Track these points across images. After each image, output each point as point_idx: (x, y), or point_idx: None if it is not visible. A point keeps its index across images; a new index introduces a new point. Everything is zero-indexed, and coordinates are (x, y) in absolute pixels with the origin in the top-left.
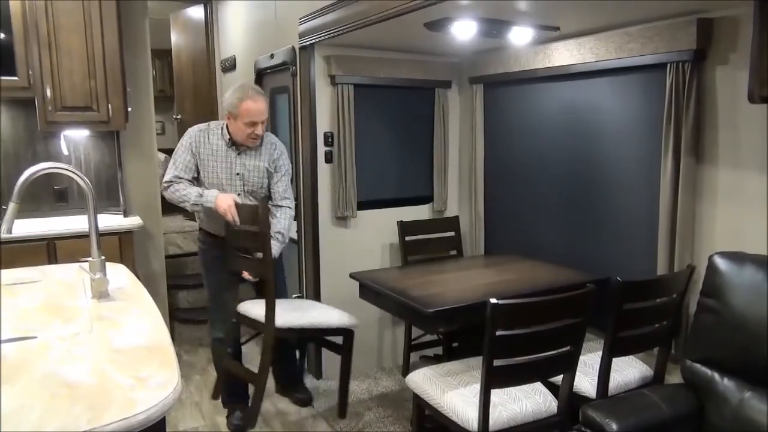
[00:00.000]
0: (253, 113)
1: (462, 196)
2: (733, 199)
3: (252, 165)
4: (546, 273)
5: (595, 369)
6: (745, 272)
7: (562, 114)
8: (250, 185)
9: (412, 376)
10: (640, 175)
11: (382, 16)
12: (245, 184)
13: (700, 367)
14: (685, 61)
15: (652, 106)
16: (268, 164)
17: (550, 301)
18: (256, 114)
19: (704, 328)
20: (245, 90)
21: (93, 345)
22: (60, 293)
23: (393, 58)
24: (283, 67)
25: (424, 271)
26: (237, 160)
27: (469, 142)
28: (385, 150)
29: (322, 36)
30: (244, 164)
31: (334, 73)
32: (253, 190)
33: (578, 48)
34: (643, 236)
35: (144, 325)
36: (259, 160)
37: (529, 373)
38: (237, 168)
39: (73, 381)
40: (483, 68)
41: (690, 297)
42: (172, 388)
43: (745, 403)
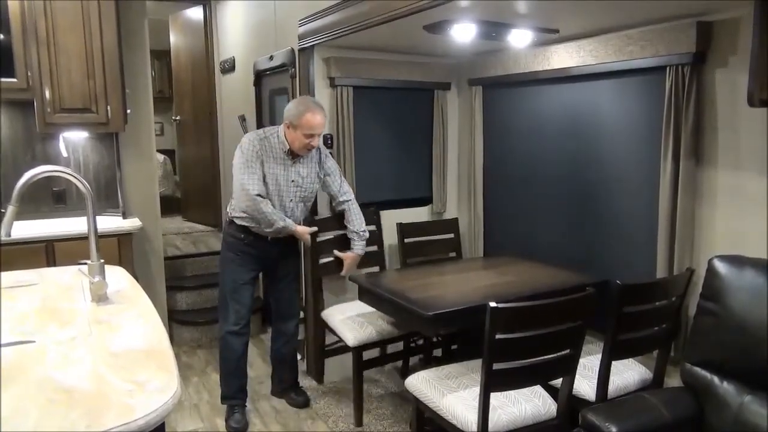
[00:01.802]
0: (313, 126)
1: (461, 198)
2: (733, 201)
3: (305, 173)
4: (545, 275)
5: (594, 372)
6: (745, 275)
7: (561, 116)
8: (303, 192)
9: (411, 378)
10: (640, 177)
11: (382, 18)
12: (299, 190)
13: (700, 370)
14: (684, 63)
15: (651, 108)
16: (318, 170)
17: (549, 304)
18: (316, 127)
19: (704, 331)
20: (307, 104)
21: (91, 349)
22: (58, 296)
23: (392, 59)
24: (282, 68)
25: (424, 273)
26: (292, 168)
27: (468, 143)
28: (385, 152)
29: (322, 38)
30: (299, 172)
31: (333, 75)
32: (306, 196)
33: (578, 50)
34: (643, 238)
35: (142, 329)
36: (309, 167)
37: (529, 376)
38: (292, 175)
39: (71, 386)
40: (482, 70)
41: (690, 300)
42: (172, 393)
43: (745, 407)
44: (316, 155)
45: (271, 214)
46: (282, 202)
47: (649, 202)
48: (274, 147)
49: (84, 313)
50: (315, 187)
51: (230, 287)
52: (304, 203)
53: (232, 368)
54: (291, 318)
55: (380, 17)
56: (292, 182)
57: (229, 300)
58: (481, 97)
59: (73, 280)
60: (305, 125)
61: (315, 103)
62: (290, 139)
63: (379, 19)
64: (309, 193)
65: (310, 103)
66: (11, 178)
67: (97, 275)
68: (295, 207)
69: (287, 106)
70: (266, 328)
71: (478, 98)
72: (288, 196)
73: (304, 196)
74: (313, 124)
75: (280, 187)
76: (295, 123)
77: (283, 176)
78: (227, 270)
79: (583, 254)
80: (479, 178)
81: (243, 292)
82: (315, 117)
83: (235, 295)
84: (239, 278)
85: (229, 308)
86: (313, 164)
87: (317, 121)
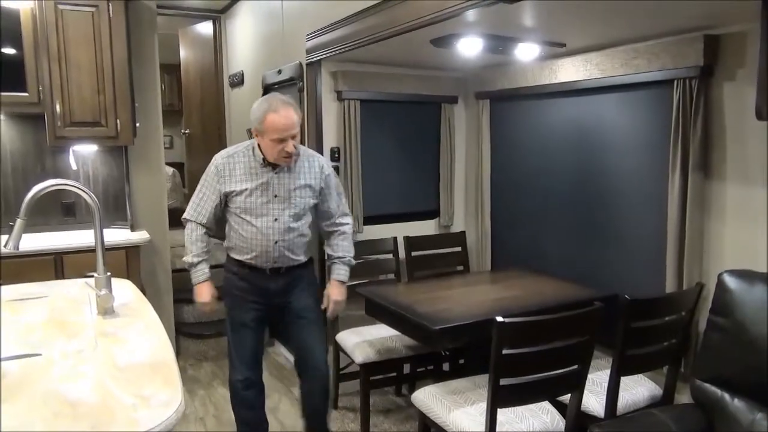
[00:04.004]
0: (279, 127)
1: (468, 211)
2: (742, 215)
3: (292, 185)
4: (553, 289)
5: (603, 387)
6: (755, 291)
7: (568, 130)
8: (292, 208)
9: (417, 393)
10: (648, 191)
11: (389, 33)
12: (287, 206)
13: (710, 386)
14: (692, 77)
15: (659, 122)
16: (311, 181)
17: (557, 319)
18: (283, 128)
19: (714, 347)
20: (269, 101)
21: (97, 362)
22: (65, 309)
23: (399, 73)
24: (290, 82)
25: (431, 286)
26: (274, 180)
27: (475, 157)
28: (392, 165)
29: (329, 52)
30: (282, 184)
31: (340, 89)
32: (297, 213)
33: (584, 64)
34: (652, 253)
35: (148, 343)
36: (299, 177)
37: (536, 392)
38: (275, 189)
39: (76, 399)
40: (489, 83)
41: (699, 315)
42: (176, 408)
43: (756, 424)
44: (315, 164)
45: (191, 238)
46: (266, 225)
47: (658, 216)
48: (246, 161)
49: (91, 326)
50: (308, 201)
51: (230, 329)
52: (298, 223)
53: (248, 419)
54: (316, 369)
55: (387, 32)
56: (275, 197)
57: (231, 344)
58: (488, 110)
59: (80, 292)
60: (270, 129)
61: (280, 99)
62: (263, 149)
63: (386, 34)
64: (302, 209)
65: (272, 101)
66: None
67: (104, 288)
68: (286, 229)
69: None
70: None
71: (485, 111)
72: (271, 214)
73: (294, 213)
74: (278, 125)
75: (256, 205)
76: (260, 128)
77: (260, 191)
78: (227, 310)
79: (591, 268)
80: (486, 192)
81: (244, 335)
82: (279, 116)
83: (235, 338)
84: (238, 319)
85: (232, 354)
86: (308, 174)
87: (283, 120)
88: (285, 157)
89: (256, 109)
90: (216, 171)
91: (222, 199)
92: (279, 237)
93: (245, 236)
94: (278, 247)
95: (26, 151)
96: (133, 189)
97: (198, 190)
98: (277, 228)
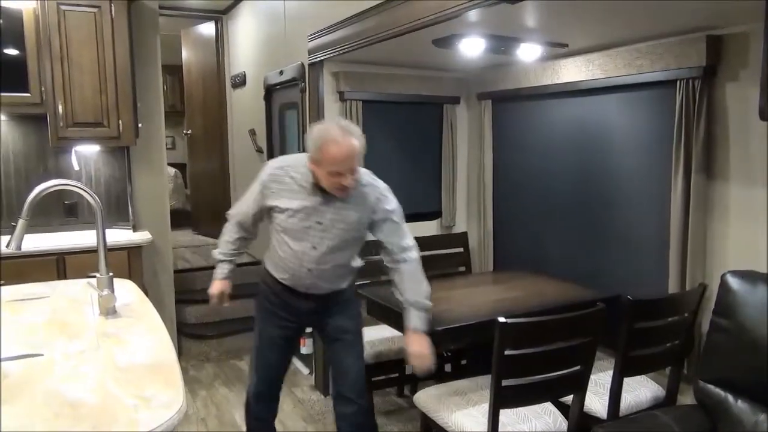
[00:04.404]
0: (338, 160)
1: (470, 212)
2: (746, 216)
3: (342, 214)
4: (555, 290)
5: (606, 389)
6: (758, 291)
7: (571, 130)
8: (332, 239)
9: (420, 394)
10: (651, 192)
11: (390, 33)
12: (327, 237)
13: (713, 388)
14: (694, 77)
15: (661, 122)
16: (362, 214)
17: (559, 319)
18: (342, 161)
19: (717, 348)
20: (329, 128)
21: (98, 363)
22: (67, 309)
23: (401, 74)
24: (292, 83)
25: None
26: (322, 207)
27: (477, 158)
28: (394, 165)
29: (331, 52)
30: (329, 213)
31: (342, 89)
32: (337, 245)
33: (587, 64)
34: (654, 254)
35: (150, 343)
36: (349, 209)
37: (539, 393)
38: (318, 215)
39: (77, 400)
40: (491, 84)
41: (702, 316)
42: (177, 408)
43: (759, 426)
44: (372, 195)
45: (222, 235)
46: (302, 251)
47: (661, 217)
48: (295, 177)
49: (92, 327)
50: (357, 235)
51: (257, 341)
52: (337, 255)
53: (254, 429)
54: (350, 401)
55: (389, 32)
56: (318, 224)
57: (255, 355)
58: (491, 111)
59: (82, 293)
60: (327, 161)
61: (341, 127)
62: (317, 176)
63: (388, 34)
64: (343, 242)
65: (333, 128)
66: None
67: (106, 289)
68: (323, 260)
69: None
70: None
71: (488, 112)
72: (310, 240)
73: (333, 245)
74: (337, 157)
75: (297, 228)
76: (316, 158)
77: (304, 214)
78: (257, 320)
79: (593, 269)
80: (489, 192)
81: (269, 351)
82: (339, 148)
83: (260, 352)
84: (266, 333)
85: (253, 365)
86: (360, 207)
87: (344, 152)
88: (339, 190)
89: (313, 136)
90: (262, 183)
91: (264, 210)
92: (313, 265)
93: (281, 256)
94: (311, 275)
95: (28, 152)
96: (135, 189)
97: (248, 192)
98: (313, 256)
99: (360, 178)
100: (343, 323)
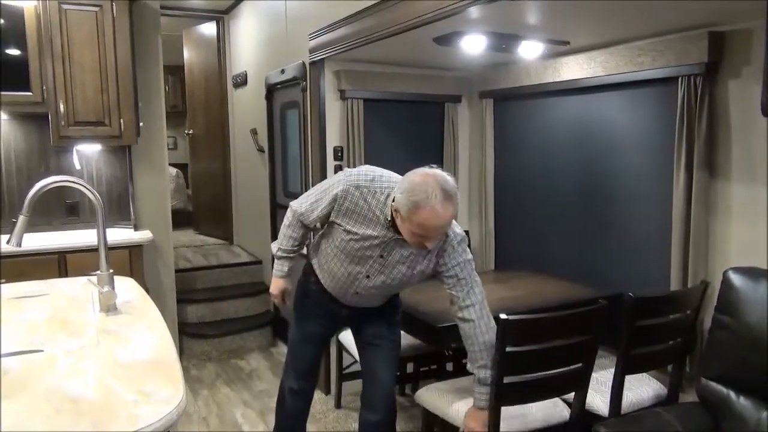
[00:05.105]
0: (428, 228)
1: (472, 211)
2: (748, 213)
3: (409, 260)
4: (556, 288)
5: (608, 387)
6: (761, 288)
7: (572, 128)
8: (388, 280)
9: (422, 391)
10: (653, 189)
11: (392, 30)
12: (385, 274)
13: (716, 385)
14: (696, 74)
15: (663, 119)
16: (428, 267)
17: (560, 316)
18: (434, 230)
19: (719, 345)
20: (429, 190)
21: (98, 359)
22: (67, 307)
23: (402, 72)
24: (293, 82)
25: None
26: (391, 244)
27: (479, 156)
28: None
29: (332, 51)
30: (395, 253)
31: (343, 88)
32: (390, 285)
33: (588, 62)
34: (656, 251)
35: (150, 340)
36: (418, 260)
37: (540, 390)
38: (384, 251)
39: (78, 396)
40: (493, 83)
41: (704, 313)
42: (177, 403)
43: (762, 422)
44: (445, 244)
45: (284, 227)
46: (354, 274)
47: (663, 214)
48: (371, 204)
49: (93, 324)
50: (416, 281)
51: (292, 337)
52: (389, 291)
53: (287, 427)
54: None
55: (390, 29)
56: (380, 257)
57: (290, 351)
58: (492, 109)
59: (83, 290)
60: (418, 223)
61: (445, 194)
62: (397, 221)
63: (389, 32)
64: (399, 284)
65: (435, 192)
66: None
67: (107, 285)
68: (370, 288)
69: (402, 180)
70: (276, 341)
71: (489, 111)
72: (365, 268)
73: (390, 284)
74: (430, 227)
75: (357, 253)
76: (405, 213)
77: (369, 243)
78: (295, 315)
79: (595, 268)
80: (490, 191)
81: (305, 348)
82: (437, 218)
83: (295, 348)
84: (302, 330)
85: (289, 361)
86: (429, 260)
87: (439, 223)
88: (420, 246)
89: (407, 190)
90: (335, 196)
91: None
92: (362, 291)
93: (331, 268)
94: (359, 295)
95: (30, 151)
96: (137, 189)
97: (317, 191)
98: (365, 284)
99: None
100: (381, 329)
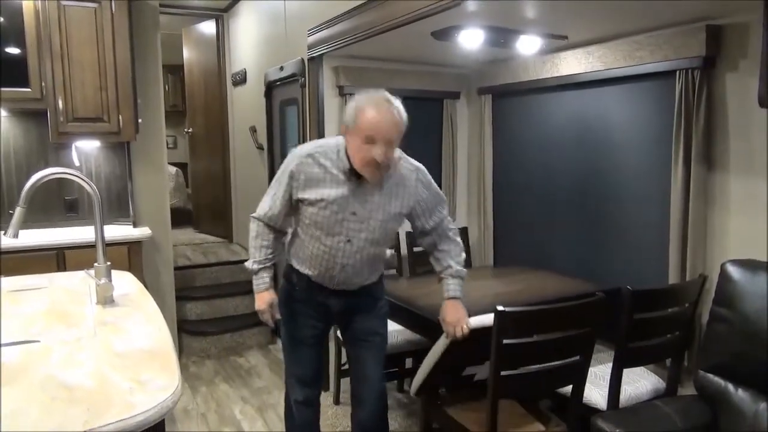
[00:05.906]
0: (373, 124)
1: (471, 207)
2: (746, 206)
3: (380, 202)
4: (555, 284)
5: (606, 380)
6: (759, 280)
7: (571, 123)
8: (371, 232)
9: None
10: (651, 183)
11: (390, 25)
12: (364, 229)
13: (714, 377)
14: (694, 68)
15: (661, 113)
16: (403, 208)
17: (558, 308)
18: (379, 125)
19: (717, 338)
20: (371, 95)
21: (95, 349)
22: (65, 299)
23: (401, 69)
24: (292, 78)
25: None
26: (357, 194)
27: (477, 152)
28: None
29: (330, 46)
30: (365, 202)
31: (342, 84)
32: (375, 239)
33: (586, 57)
34: (655, 245)
35: (147, 331)
36: (388, 201)
37: (538, 383)
38: (354, 206)
39: (73, 384)
40: (491, 79)
41: (702, 307)
42: (172, 391)
43: (760, 414)
44: (411, 183)
45: (252, 240)
46: (336, 246)
47: (661, 208)
48: (326, 164)
49: (90, 316)
50: (396, 225)
51: (287, 344)
52: (374, 248)
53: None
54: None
55: (388, 23)
56: (352, 215)
57: (288, 362)
58: (491, 105)
59: (80, 284)
60: (363, 124)
61: (384, 97)
62: (350, 152)
63: (387, 26)
64: (381, 235)
65: (375, 95)
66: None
67: (104, 277)
68: (359, 253)
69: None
70: (275, 338)
71: (488, 107)
72: (344, 233)
73: (372, 238)
74: (372, 121)
75: (330, 221)
76: (351, 124)
77: (337, 205)
78: (284, 323)
79: (594, 262)
80: (489, 187)
81: (303, 354)
82: (378, 112)
83: (293, 356)
84: (296, 335)
85: (290, 373)
86: (401, 199)
87: (383, 118)
88: (371, 167)
89: (353, 101)
90: (290, 174)
91: (294, 203)
92: (348, 261)
93: (312, 252)
94: (344, 271)
95: (29, 147)
96: (136, 186)
97: (271, 186)
98: (348, 250)
99: (402, 164)
100: (373, 325)
